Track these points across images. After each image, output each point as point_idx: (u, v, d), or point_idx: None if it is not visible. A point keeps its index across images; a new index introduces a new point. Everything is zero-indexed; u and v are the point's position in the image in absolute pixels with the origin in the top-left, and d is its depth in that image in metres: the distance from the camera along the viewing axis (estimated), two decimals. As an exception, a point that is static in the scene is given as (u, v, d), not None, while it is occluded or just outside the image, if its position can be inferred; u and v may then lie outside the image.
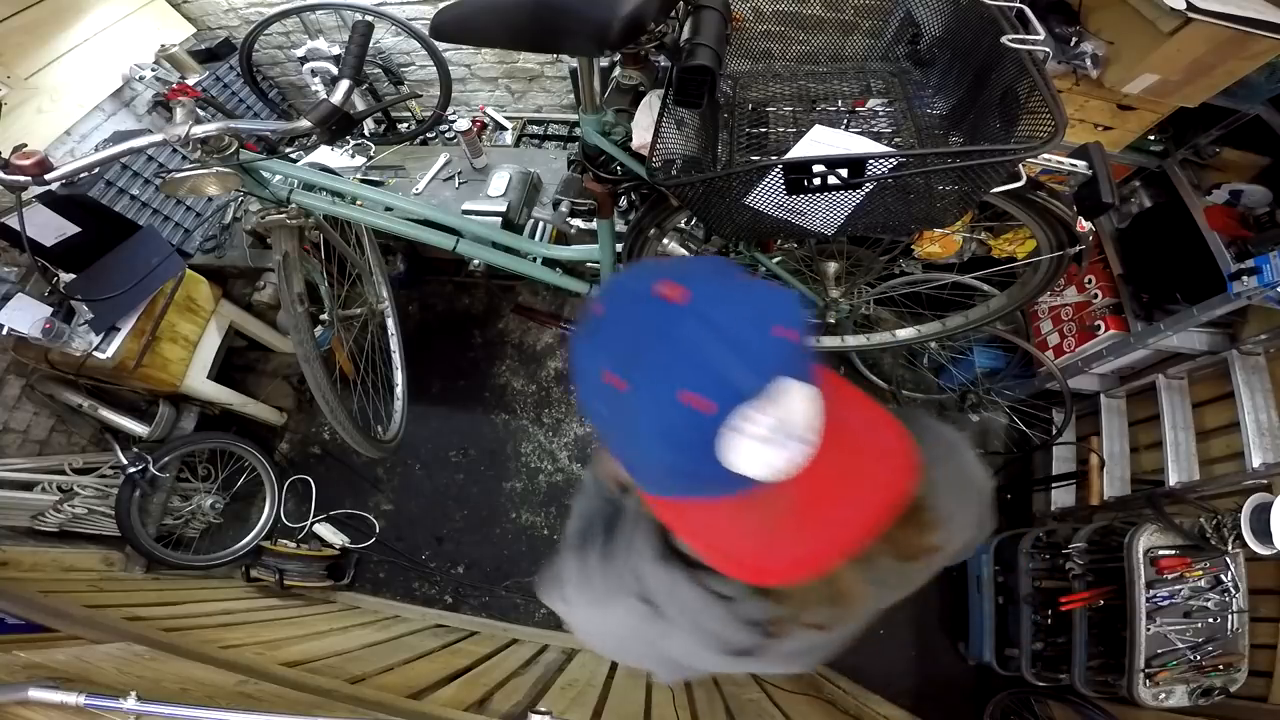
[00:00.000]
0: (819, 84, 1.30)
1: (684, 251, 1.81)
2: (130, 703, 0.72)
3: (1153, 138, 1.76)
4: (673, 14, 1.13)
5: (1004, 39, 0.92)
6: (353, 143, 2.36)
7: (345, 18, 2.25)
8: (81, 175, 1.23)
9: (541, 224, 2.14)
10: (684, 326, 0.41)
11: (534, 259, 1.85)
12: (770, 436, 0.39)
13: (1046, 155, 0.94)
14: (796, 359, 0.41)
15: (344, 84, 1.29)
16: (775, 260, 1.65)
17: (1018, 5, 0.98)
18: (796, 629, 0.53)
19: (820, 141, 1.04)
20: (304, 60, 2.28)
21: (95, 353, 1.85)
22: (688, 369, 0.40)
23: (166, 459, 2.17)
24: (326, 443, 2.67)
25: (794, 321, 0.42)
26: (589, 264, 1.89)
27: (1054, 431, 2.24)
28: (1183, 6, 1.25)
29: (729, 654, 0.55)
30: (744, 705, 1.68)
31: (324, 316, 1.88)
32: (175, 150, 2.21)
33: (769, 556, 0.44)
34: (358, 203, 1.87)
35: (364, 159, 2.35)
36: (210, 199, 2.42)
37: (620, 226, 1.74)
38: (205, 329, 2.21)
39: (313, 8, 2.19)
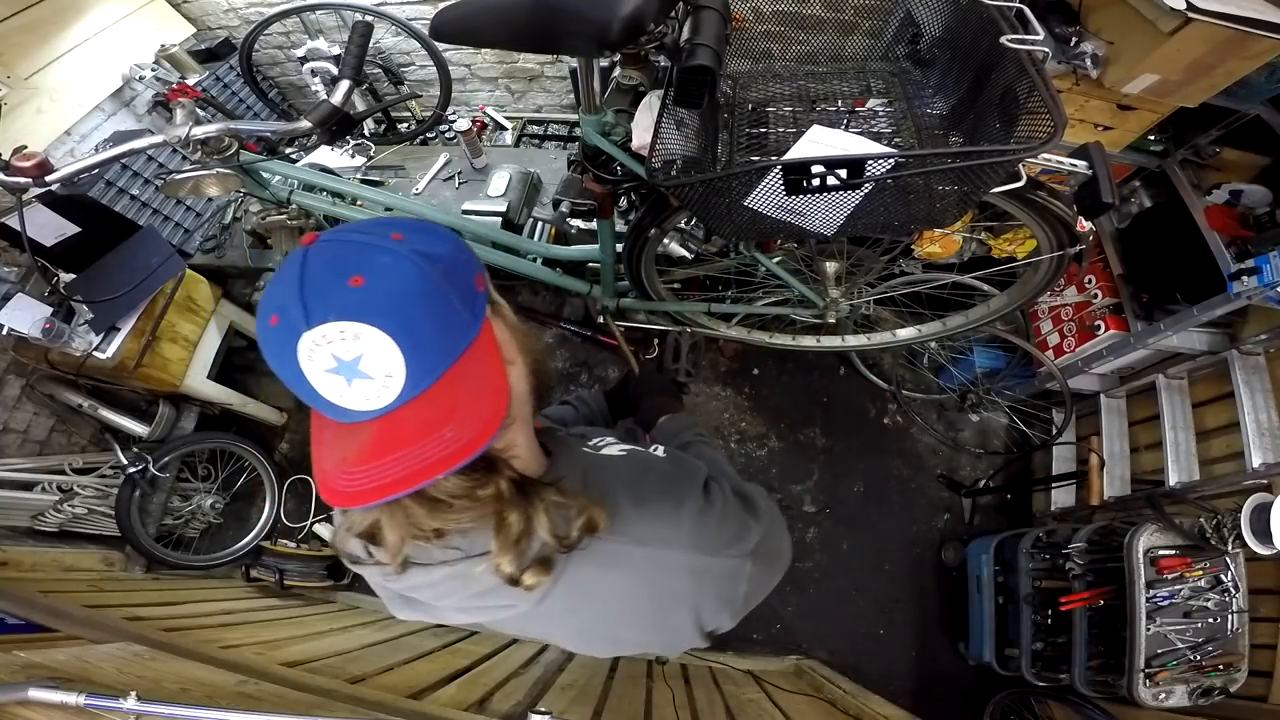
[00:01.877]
0: (819, 84, 1.30)
1: (684, 252, 1.81)
2: (130, 703, 0.72)
3: (1153, 138, 1.76)
4: (673, 14, 1.13)
5: (1003, 39, 0.92)
6: (353, 143, 2.36)
7: (345, 18, 2.25)
8: (81, 176, 1.23)
9: (541, 224, 2.14)
10: (288, 264, 0.48)
11: (534, 259, 1.85)
12: (336, 367, 0.45)
13: (1046, 155, 0.94)
14: (375, 306, 0.45)
15: (344, 84, 1.29)
16: (775, 260, 1.65)
17: (1017, 5, 0.98)
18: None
19: (820, 142, 1.04)
20: (304, 60, 2.28)
21: (95, 353, 1.85)
22: (271, 296, 0.47)
23: (166, 459, 2.17)
24: (326, 443, 2.66)
25: (373, 274, 0.46)
26: (589, 264, 1.89)
27: (1054, 431, 2.24)
28: (1183, 6, 1.25)
29: None
30: (744, 705, 1.68)
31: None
32: (175, 151, 2.21)
33: (335, 476, 0.48)
34: (358, 203, 1.87)
35: (364, 159, 2.35)
36: (210, 199, 2.42)
37: (620, 226, 1.74)
38: (205, 329, 2.21)
39: (313, 8, 2.19)
